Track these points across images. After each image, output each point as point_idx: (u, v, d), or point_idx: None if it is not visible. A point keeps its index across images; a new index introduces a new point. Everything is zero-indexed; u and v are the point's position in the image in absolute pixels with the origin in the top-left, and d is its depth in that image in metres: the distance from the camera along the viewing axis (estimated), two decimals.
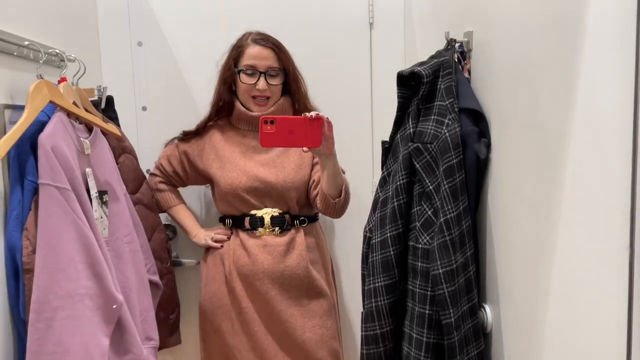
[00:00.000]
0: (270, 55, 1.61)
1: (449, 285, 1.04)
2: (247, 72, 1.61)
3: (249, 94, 1.63)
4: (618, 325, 0.67)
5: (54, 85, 1.14)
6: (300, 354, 1.61)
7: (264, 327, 1.61)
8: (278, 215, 1.63)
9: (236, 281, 1.62)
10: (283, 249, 1.62)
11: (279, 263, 1.61)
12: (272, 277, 1.60)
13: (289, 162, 1.65)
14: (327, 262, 1.76)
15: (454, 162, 1.07)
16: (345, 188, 1.58)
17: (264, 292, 1.60)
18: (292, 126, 1.35)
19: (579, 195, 0.77)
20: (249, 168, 1.63)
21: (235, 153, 1.66)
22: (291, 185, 1.63)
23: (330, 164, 1.49)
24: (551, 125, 0.84)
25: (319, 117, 1.36)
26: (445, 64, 1.15)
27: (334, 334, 1.66)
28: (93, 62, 1.72)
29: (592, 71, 0.72)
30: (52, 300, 1.01)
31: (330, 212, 1.61)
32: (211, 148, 1.69)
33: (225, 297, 1.64)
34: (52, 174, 1.03)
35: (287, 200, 1.64)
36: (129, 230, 1.35)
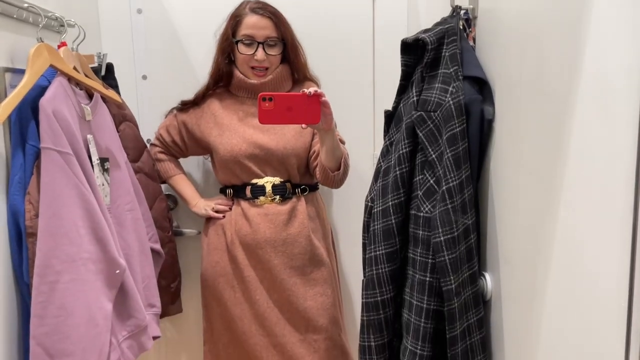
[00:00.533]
0: (269, 25, 1.59)
1: (450, 252, 1.05)
2: (245, 42, 1.59)
3: (247, 64, 1.61)
4: (619, 292, 0.68)
5: (54, 49, 1.12)
6: (301, 322, 1.63)
7: (266, 296, 1.63)
8: (279, 184, 1.64)
9: (238, 250, 1.63)
10: (285, 218, 1.62)
11: (280, 232, 1.61)
12: (274, 245, 1.61)
13: (289, 128, 1.64)
14: (327, 231, 1.77)
15: (457, 130, 1.07)
16: (344, 161, 1.58)
17: (266, 261, 1.61)
18: (290, 103, 1.34)
19: (583, 162, 0.77)
20: (249, 135, 1.63)
21: (234, 120, 1.66)
22: (291, 151, 1.62)
23: (329, 138, 1.49)
24: (557, 92, 0.83)
25: (317, 93, 1.35)
26: (450, 31, 1.14)
27: (334, 301, 1.68)
28: (92, 29, 1.70)
29: (600, 37, 0.71)
30: (56, 264, 1.02)
31: (329, 183, 1.61)
32: (210, 116, 1.68)
33: (228, 267, 1.66)
34: (53, 138, 1.03)
35: (288, 167, 1.64)
36: (130, 198, 1.35)
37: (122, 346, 1.17)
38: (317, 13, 1.83)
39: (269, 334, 1.63)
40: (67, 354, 1.02)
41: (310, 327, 1.63)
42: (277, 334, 1.63)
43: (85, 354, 1.04)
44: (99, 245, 1.08)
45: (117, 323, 1.16)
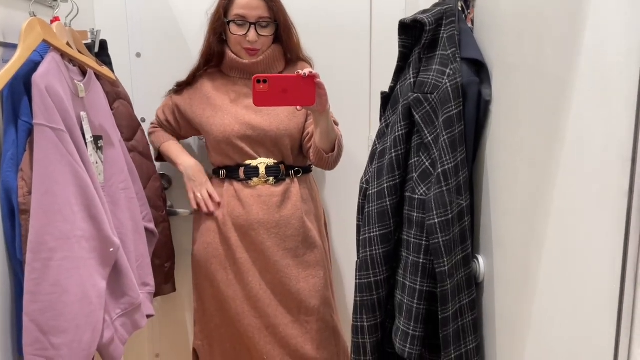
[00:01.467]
0: (261, 5, 1.56)
1: (444, 234, 1.05)
2: (237, 22, 1.57)
3: (240, 45, 1.59)
4: (611, 276, 0.68)
5: (47, 24, 1.11)
6: (293, 303, 1.64)
7: (258, 277, 1.63)
8: (273, 165, 1.63)
9: (231, 232, 1.63)
10: (278, 199, 1.62)
11: (274, 213, 1.61)
12: (267, 227, 1.61)
13: (282, 109, 1.63)
14: (320, 214, 1.77)
15: (453, 113, 1.07)
16: (338, 142, 1.58)
17: (259, 243, 1.61)
18: (285, 85, 1.33)
19: (579, 147, 0.77)
20: (242, 115, 1.62)
21: (227, 101, 1.64)
22: (285, 132, 1.61)
23: (324, 120, 1.48)
24: (555, 76, 0.83)
25: (312, 74, 1.34)
26: (449, 12, 1.13)
27: (326, 283, 1.69)
28: (86, 5, 1.67)
29: (598, 20, 0.71)
30: (49, 241, 1.01)
31: (323, 165, 1.61)
32: (202, 97, 1.67)
33: (220, 248, 1.66)
34: (46, 115, 1.02)
35: (281, 148, 1.63)
36: (124, 177, 1.35)
37: (115, 324, 1.18)
38: None
39: (261, 315, 1.64)
40: (60, 330, 1.02)
41: (303, 308, 1.64)
42: (270, 315, 1.63)
43: (78, 331, 1.05)
44: (93, 222, 1.08)
45: (110, 301, 1.16)
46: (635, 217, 0.64)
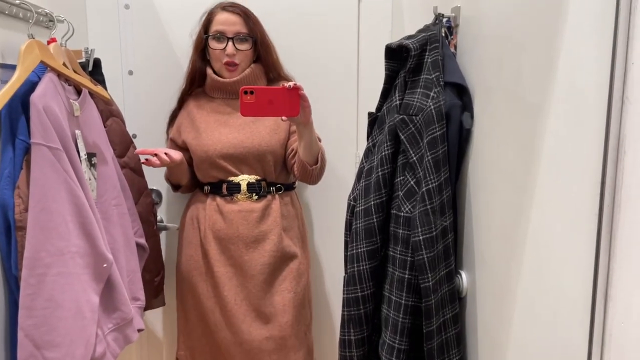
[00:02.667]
0: (238, 21, 1.64)
1: (428, 251, 1.09)
2: (216, 37, 1.64)
3: (220, 60, 1.65)
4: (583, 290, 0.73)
5: (45, 45, 1.14)
6: (267, 318, 1.67)
7: (234, 292, 1.66)
8: (255, 182, 1.67)
9: (210, 245, 1.67)
10: (258, 215, 1.66)
11: (253, 228, 1.65)
12: (246, 241, 1.65)
13: (264, 126, 1.68)
14: (303, 231, 1.81)
15: (437, 134, 1.11)
16: (321, 155, 1.63)
17: (238, 256, 1.65)
18: (271, 96, 1.39)
19: (554, 168, 0.81)
20: (224, 134, 1.66)
21: (210, 121, 1.69)
22: (266, 148, 1.66)
23: (308, 132, 1.53)
24: (532, 100, 0.88)
25: (296, 86, 1.39)
26: (433, 38, 1.18)
27: (302, 299, 1.72)
28: (80, 24, 1.71)
29: (573, 49, 0.76)
30: (44, 257, 1.04)
31: (307, 178, 1.65)
32: (187, 119, 1.73)
33: (201, 261, 1.69)
34: (44, 134, 1.04)
35: (264, 165, 1.67)
36: (116, 193, 1.37)
37: (107, 338, 1.20)
38: (303, 17, 1.86)
39: (235, 330, 1.66)
40: (54, 345, 1.04)
41: (277, 323, 1.67)
42: (244, 331, 1.66)
43: (72, 345, 1.07)
44: (87, 239, 1.10)
45: (103, 316, 1.18)
46: (604, 237, 0.69)
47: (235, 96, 1.68)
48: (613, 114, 0.66)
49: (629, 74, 0.64)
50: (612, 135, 0.67)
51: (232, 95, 1.69)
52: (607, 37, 0.67)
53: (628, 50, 0.64)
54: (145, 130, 1.85)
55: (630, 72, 0.64)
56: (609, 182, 0.68)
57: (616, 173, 0.67)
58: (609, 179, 0.67)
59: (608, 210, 0.68)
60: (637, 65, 0.63)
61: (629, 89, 0.64)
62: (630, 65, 0.64)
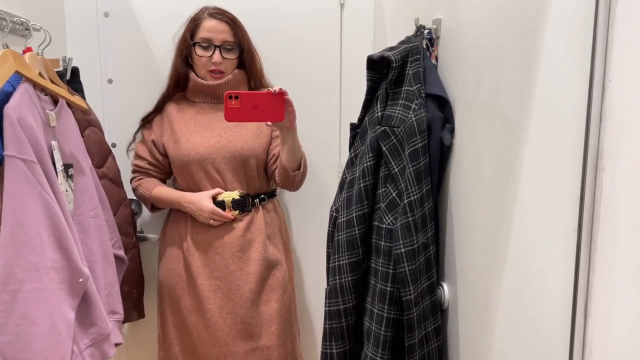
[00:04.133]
0: (226, 29, 1.62)
1: (410, 264, 1.09)
2: (203, 44, 1.62)
3: (205, 68, 1.63)
4: (563, 302, 0.73)
5: (20, 55, 1.11)
6: (254, 329, 1.65)
7: (219, 305, 1.63)
8: (239, 198, 1.65)
9: (194, 257, 1.64)
10: (243, 224, 1.65)
11: (238, 237, 1.63)
12: (232, 250, 1.63)
13: (247, 130, 1.67)
14: (285, 238, 1.80)
15: (419, 146, 1.11)
16: (303, 161, 1.63)
17: (223, 267, 1.63)
18: (256, 101, 1.37)
19: (533, 181, 0.82)
20: (206, 138, 1.64)
21: (191, 126, 1.67)
22: (249, 152, 1.64)
23: (291, 137, 1.52)
24: (511, 114, 0.88)
25: (282, 91, 1.38)
26: (414, 50, 1.18)
27: (288, 308, 1.71)
28: (58, 33, 1.68)
29: (551, 65, 0.76)
30: (18, 272, 1.01)
31: (289, 184, 1.64)
32: (167, 124, 1.70)
33: (183, 274, 1.66)
34: (18, 146, 1.02)
35: (247, 170, 1.65)
36: (94, 205, 1.35)
37: (84, 354, 1.17)
38: (285, 27, 1.85)
39: (220, 343, 1.64)
40: None
41: (264, 333, 1.65)
42: (229, 344, 1.63)
43: None
44: (63, 253, 1.08)
45: (79, 331, 1.15)
46: (583, 253, 0.69)
47: (217, 100, 1.66)
48: (591, 130, 0.66)
49: (606, 90, 0.64)
50: (591, 151, 0.67)
51: (214, 100, 1.67)
52: (585, 54, 0.67)
53: (606, 68, 0.64)
54: (125, 139, 1.82)
55: (608, 89, 0.64)
56: (588, 198, 0.68)
57: (595, 188, 0.67)
58: (587, 194, 0.68)
59: (587, 225, 0.69)
60: (614, 82, 0.63)
61: (607, 105, 0.64)
62: (608, 83, 0.64)
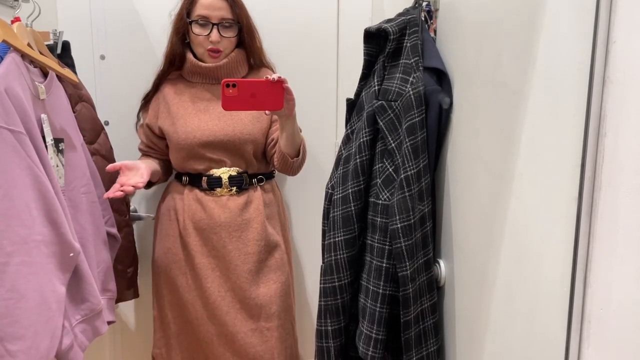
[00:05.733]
0: (224, 6, 1.57)
1: (406, 239, 1.07)
2: (200, 22, 1.56)
3: (202, 46, 1.59)
4: (562, 278, 0.71)
5: (7, 24, 1.08)
6: (253, 309, 1.63)
7: (217, 284, 1.62)
8: (236, 175, 1.62)
9: (191, 236, 1.62)
10: (240, 203, 1.62)
11: (236, 217, 1.61)
12: (229, 230, 1.60)
13: (246, 114, 1.63)
14: (283, 218, 1.77)
15: (416, 120, 1.09)
16: (303, 147, 1.59)
17: (221, 247, 1.61)
18: (254, 89, 1.34)
19: (533, 155, 0.80)
20: (204, 122, 1.61)
21: (189, 108, 1.63)
22: (248, 137, 1.61)
23: (290, 124, 1.49)
24: (512, 85, 0.86)
25: (280, 79, 1.35)
26: (412, 22, 1.16)
27: (287, 289, 1.69)
28: (49, 6, 1.64)
29: (553, 29, 0.74)
30: (6, 245, 0.99)
31: (287, 170, 1.61)
32: (164, 105, 1.66)
33: (180, 253, 1.64)
34: (5, 117, 0.99)
35: (244, 154, 1.63)
36: (86, 181, 1.32)
37: (75, 330, 1.15)
38: (281, 3, 1.81)
39: (219, 322, 1.62)
40: (17, 337, 1.00)
41: (263, 314, 1.63)
42: (228, 323, 1.62)
43: (36, 337, 1.02)
44: (53, 227, 1.06)
45: (70, 307, 1.14)
46: (583, 222, 0.67)
47: (216, 82, 1.62)
48: (594, 94, 0.64)
49: (610, 53, 0.62)
50: (593, 116, 0.65)
51: (213, 81, 1.63)
52: (588, 16, 0.65)
53: (610, 28, 0.62)
54: (118, 117, 1.79)
55: (612, 51, 0.62)
56: (589, 164, 0.66)
57: (596, 156, 0.65)
58: (589, 160, 0.66)
59: (588, 193, 0.67)
60: (618, 43, 0.61)
61: (610, 68, 0.62)
62: (612, 44, 0.62)
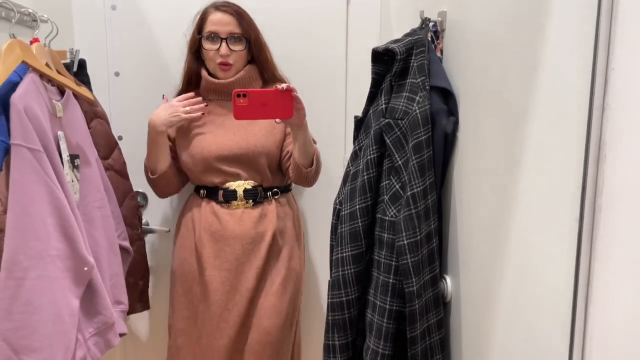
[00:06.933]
0: (231, 21, 1.63)
1: (412, 255, 1.09)
2: (210, 38, 1.63)
3: (214, 61, 1.64)
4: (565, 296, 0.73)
5: (26, 45, 1.12)
6: (259, 322, 1.65)
7: (226, 297, 1.64)
8: (251, 188, 1.66)
9: (205, 248, 1.65)
10: (255, 216, 1.65)
11: (250, 229, 1.64)
12: (243, 243, 1.63)
13: (260, 127, 1.67)
14: (299, 233, 1.79)
15: (422, 138, 1.11)
16: (316, 157, 1.62)
17: (234, 259, 1.63)
18: (264, 98, 1.37)
19: (536, 174, 0.81)
20: (219, 136, 1.65)
21: (205, 124, 1.68)
22: (262, 150, 1.64)
23: (302, 134, 1.52)
24: (516, 105, 0.88)
25: (289, 88, 1.38)
26: (419, 42, 1.18)
27: (296, 302, 1.71)
28: (65, 25, 1.69)
29: (555, 55, 0.76)
30: (23, 260, 1.02)
31: (302, 181, 1.64)
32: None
33: (194, 264, 1.68)
34: (24, 135, 1.03)
35: (259, 167, 1.66)
36: (100, 195, 1.36)
37: (88, 343, 1.18)
38: (291, 19, 1.85)
39: (227, 335, 1.65)
40: (32, 349, 1.02)
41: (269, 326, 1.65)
42: (232, 337, 1.64)
43: (51, 350, 1.05)
44: (68, 242, 1.09)
45: (83, 320, 1.16)
46: (585, 243, 0.69)
47: (230, 98, 1.66)
48: (594, 120, 0.66)
49: (609, 80, 0.64)
50: (593, 140, 0.66)
51: (227, 97, 1.68)
52: (588, 43, 0.67)
53: (609, 56, 0.64)
54: (132, 132, 1.83)
55: (611, 78, 0.64)
56: (590, 187, 0.67)
57: (597, 178, 0.67)
58: (589, 183, 0.67)
59: (589, 214, 0.68)
60: (617, 71, 0.63)
61: (610, 95, 0.64)
62: (611, 71, 0.64)
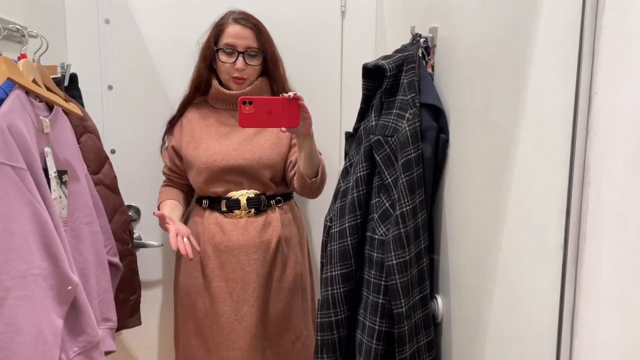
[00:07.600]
0: (250, 35, 1.61)
1: (401, 276, 1.07)
2: (226, 50, 1.61)
3: (228, 73, 1.63)
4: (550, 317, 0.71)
5: (12, 62, 1.11)
6: (269, 333, 1.65)
7: (234, 308, 1.62)
8: (254, 197, 1.64)
9: (210, 259, 1.64)
10: (259, 225, 1.64)
11: (254, 238, 1.62)
12: (248, 252, 1.62)
13: (265, 140, 1.66)
14: (303, 239, 1.78)
15: (412, 156, 1.09)
16: (321, 168, 1.61)
17: (239, 269, 1.62)
18: (270, 106, 1.36)
19: (523, 195, 0.80)
20: (225, 147, 1.64)
21: (212, 133, 1.67)
22: (267, 162, 1.63)
23: (308, 143, 1.51)
24: (502, 126, 0.86)
25: (296, 97, 1.37)
26: (409, 58, 1.17)
27: (300, 313, 1.69)
28: (58, 39, 1.69)
29: (539, 78, 0.75)
30: (5, 280, 1.00)
31: (307, 192, 1.63)
32: (188, 129, 1.70)
33: (200, 276, 1.66)
34: (7, 153, 1.02)
35: (262, 178, 1.65)
36: (88, 211, 1.34)
37: None
38: (287, 35, 1.83)
39: (233, 347, 1.63)
40: None
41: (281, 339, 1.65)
42: (243, 348, 1.62)
43: None
44: (51, 261, 1.07)
45: (68, 339, 1.14)
46: (569, 271, 0.67)
47: None
48: (577, 144, 0.64)
49: (592, 104, 0.62)
50: (577, 165, 0.65)
51: (235, 107, 1.66)
52: (571, 66, 0.65)
53: (592, 80, 0.62)
54: (125, 146, 1.82)
55: (595, 102, 0.62)
56: (574, 212, 0.66)
57: (581, 204, 0.65)
58: (573, 210, 0.66)
59: (573, 241, 0.67)
60: (600, 95, 0.61)
61: (593, 119, 0.62)
62: (594, 95, 0.62)
